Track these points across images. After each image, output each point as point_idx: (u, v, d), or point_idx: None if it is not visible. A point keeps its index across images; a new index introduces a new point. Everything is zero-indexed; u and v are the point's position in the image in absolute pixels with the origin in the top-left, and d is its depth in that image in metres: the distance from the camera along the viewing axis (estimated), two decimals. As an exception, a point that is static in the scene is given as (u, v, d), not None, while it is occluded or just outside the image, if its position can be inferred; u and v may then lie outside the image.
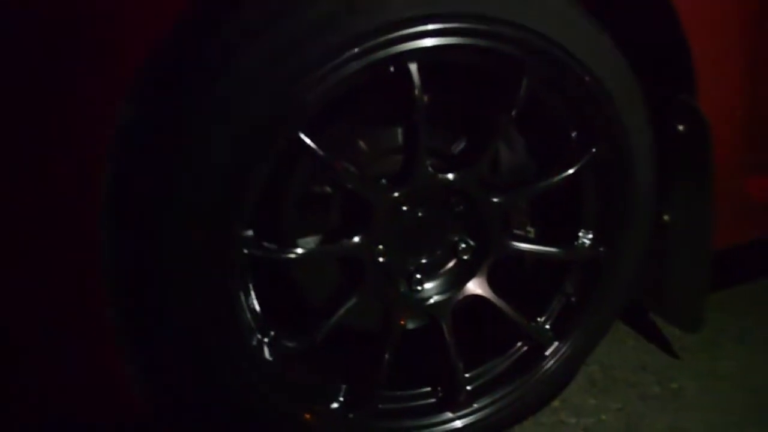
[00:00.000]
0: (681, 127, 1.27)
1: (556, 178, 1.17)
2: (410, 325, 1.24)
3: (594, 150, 1.17)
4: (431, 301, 1.20)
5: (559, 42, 1.08)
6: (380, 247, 1.13)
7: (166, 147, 0.99)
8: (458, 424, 1.23)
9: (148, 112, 0.98)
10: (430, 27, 1.00)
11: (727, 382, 1.44)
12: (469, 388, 1.25)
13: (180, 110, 0.97)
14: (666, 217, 1.36)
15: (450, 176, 1.12)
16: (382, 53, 0.99)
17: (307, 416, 1.14)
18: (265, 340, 1.11)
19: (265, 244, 1.06)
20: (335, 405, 1.18)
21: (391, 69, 1.03)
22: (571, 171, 1.17)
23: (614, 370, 1.49)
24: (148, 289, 1.02)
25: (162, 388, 1.11)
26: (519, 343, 1.29)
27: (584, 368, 1.48)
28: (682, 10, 1.16)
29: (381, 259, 1.13)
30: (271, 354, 1.11)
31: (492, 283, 1.22)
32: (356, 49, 0.98)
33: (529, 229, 1.28)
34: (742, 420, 1.34)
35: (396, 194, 1.10)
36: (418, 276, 1.19)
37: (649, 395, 1.42)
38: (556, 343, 1.27)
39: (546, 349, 1.27)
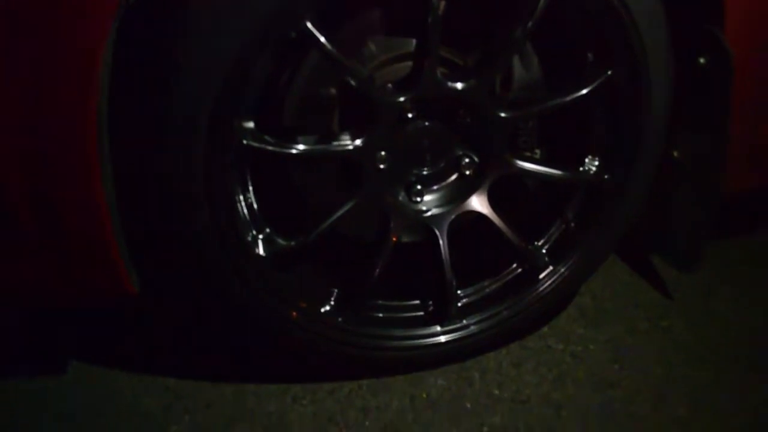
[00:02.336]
0: (702, 60, 1.23)
1: (568, 98, 1.14)
2: (404, 238, 1.23)
3: (609, 73, 1.14)
4: (429, 213, 1.19)
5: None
6: (382, 153, 1.11)
7: (169, 29, 0.96)
8: (444, 338, 1.24)
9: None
10: None
11: (716, 324, 1.44)
12: (459, 304, 1.25)
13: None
14: (676, 154, 1.34)
15: (459, 86, 1.09)
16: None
17: (294, 314, 1.15)
18: (260, 236, 1.11)
19: (266, 137, 1.05)
20: (325, 308, 1.19)
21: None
22: (583, 92, 1.14)
23: (605, 303, 1.49)
24: (148, 168, 1.01)
25: (155, 271, 1.11)
26: (514, 265, 1.29)
27: (576, 299, 1.48)
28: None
29: (381, 166, 1.12)
30: (264, 250, 1.11)
31: (492, 202, 1.20)
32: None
33: (535, 150, 1.25)
34: (729, 360, 1.35)
35: (402, 99, 1.08)
36: (419, 186, 1.18)
37: (638, 330, 1.42)
38: (550, 268, 1.27)
39: (540, 273, 1.27)
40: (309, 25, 0.98)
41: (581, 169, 1.23)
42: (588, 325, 1.43)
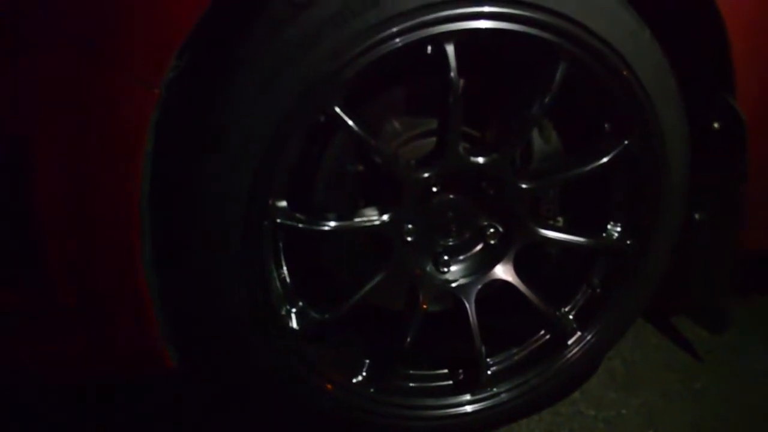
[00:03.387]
0: (717, 125, 1.26)
1: (587, 168, 1.18)
2: (433, 308, 1.26)
3: (626, 142, 1.18)
4: (457, 283, 1.22)
5: (598, 33, 1.08)
6: (409, 226, 1.15)
7: (210, 114, 1.03)
8: (475, 407, 1.25)
9: (196, 78, 1.02)
10: (468, 10, 1.02)
11: (750, 385, 1.44)
12: (489, 372, 1.26)
13: (225, 78, 1.01)
14: (697, 216, 1.36)
15: (481, 160, 1.13)
16: (419, 33, 1.01)
17: (329, 387, 1.17)
18: (293, 309, 1.14)
19: (298, 215, 1.09)
20: (357, 378, 1.21)
21: (429, 50, 1.06)
22: (602, 161, 1.18)
23: (636, 367, 1.49)
24: (187, 253, 1.06)
25: (192, 348, 1.15)
26: (542, 332, 1.30)
27: (606, 362, 1.49)
28: (725, 11, 1.15)
29: (409, 239, 1.16)
30: (298, 323, 1.14)
31: (518, 270, 1.23)
32: (395, 29, 1.00)
33: (558, 218, 1.28)
34: (762, 422, 1.33)
35: (427, 175, 1.12)
36: (446, 257, 1.21)
37: (671, 393, 1.42)
38: (578, 334, 1.28)
39: (568, 339, 1.28)
40: (338, 109, 1.03)
41: (604, 235, 1.25)
42: (619, 389, 1.43)
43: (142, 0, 0.93)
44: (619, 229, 1.25)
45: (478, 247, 1.24)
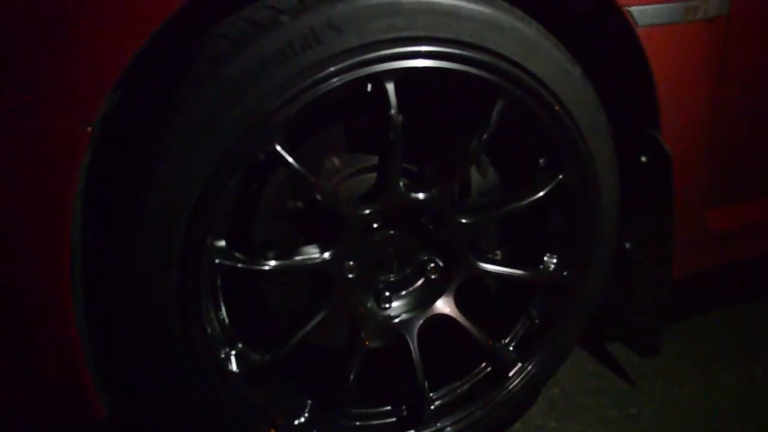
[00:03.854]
0: (644, 158, 1.31)
1: (524, 202, 1.21)
2: (375, 344, 1.25)
3: (561, 176, 1.21)
4: (399, 318, 1.21)
5: (533, 72, 1.11)
6: (350, 263, 1.14)
7: (145, 151, 1.00)
8: (421, 442, 1.24)
9: (128, 114, 0.99)
10: (409, 49, 1.03)
11: (682, 408, 1.48)
12: (432, 407, 1.26)
13: (160, 117, 0.98)
14: (628, 245, 1.40)
15: (421, 196, 1.14)
16: (359, 72, 1.01)
17: (272, 431, 1.14)
18: (233, 352, 1.11)
19: (237, 255, 1.07)
20: (300, 420, 1.18)
21: (369, 88, 1.06)
22: (538, 195, 1.20)
23: (574, 394, 1.52)
24: (117, 295, 1.02)
25: (127, 396, 1.10)
26: (483, 364, 1.31)
27: (545, 391, 1.51)
28: (651, 53, 1.21)
29: (350, 275, 1.15)
30: (238, 366, 1.11)
31: (459, 304, 1.24)
32: (333, 68, 1.00)
33: (496, 251, 1.30)
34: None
35: (367, 211, 1.12)
36: (387, 293, 1.21)
37: (608, 419, 1.45)
38: (519, 365, 1.29)
39: (509, 371, 1.29)
40: (278, 147, 1.02)
41: (541, 267, 1.28)
42: (559, 417, 1.45)
43: (77, 36, 0.89)
44: (555, 260, 1.28)
45: (419, 282, 1.24)
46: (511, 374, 1.29)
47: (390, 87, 1.05)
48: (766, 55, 1.39)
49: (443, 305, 1.23)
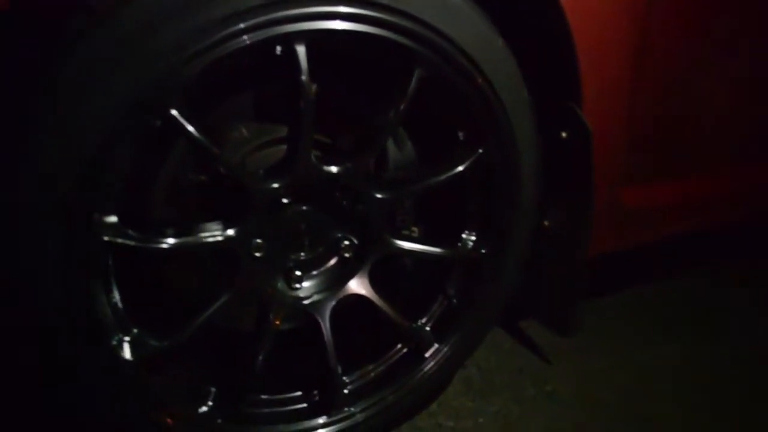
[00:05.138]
0: (564, 134, 1.28)
1: (442, 177, 1.15)
2: (285, 326, 1.18)
3: (480, 151, 1.16)
4: (310, 300, 1.14)
5: (453, 39, 1.05)
6: (258, 241, 1.06)
7: (20, 117, 0.88)
8: (332, 429, 1.18)
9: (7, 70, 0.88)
10: (322, 9, 0.95)
11: (595, 384, 1.49)
12: (346, 391, 1.20)
13: (43, 72, 0.87)
14: (546, 223, 1.38)
15: (334, 169, 1.07)
16: (269, 32, 0.93)
17: (169, 421, 1.06)
18: (127, 338, 1.01)
19: (131, 232, 0.97)
20: (203, 409, 1.10)
21: (278, 50, 0.97)
22: (457, 170, 1.15)
23: (491, 374, 1.50)
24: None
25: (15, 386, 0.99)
26: (399, 345, 1.26)
27: (462, 371, 1.48)
28: (575, 25, 1.17)
29: (258, 254, 1.07)
30: (132, 354, 1.01)
31: (374, 283, 1.18)
32: (242, 24, 0.91)
33: (413, 228, 1.25)
34: (610, 418, 1.39)
35: (276, 185, 1.04)
36: (298, 273, 1.14)
37: (525, 398, 1.43)
38: (436, 345, 1.25)
39: (426, 352, 1.25)
40: (175, 113, 0.93)
41: (459, 245, 1.23)
42: (476, 397, 1.42)
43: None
44: (474, 238, 1.24)
45: (332, 261, 1.17)
46: (427, 355, 1.25)
47: (301, 50, 0.96)
48: (687, 34, 1.39)
49: (357, 285, 1.17)
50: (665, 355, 1.60)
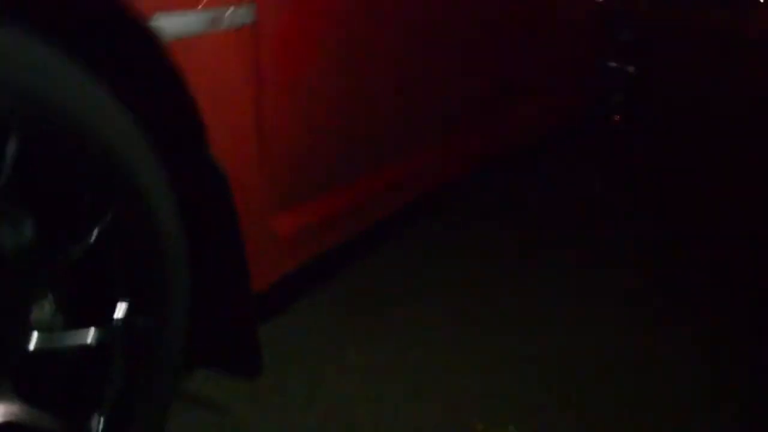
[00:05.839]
0: (206, 183, 1.23)
1: (74, 252, 1.01)
2: None
3: (110, 216, 1.04)
4: None
5: (51, 101, 0.92)
6: None
7: None
8: None
9: None
10: None
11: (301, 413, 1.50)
12: None
13: None
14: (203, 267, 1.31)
15: None
16: None
17: None
18: None
19: None
20: None
21: None
22: (90, 241, 1.02)
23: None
24: None
25: None
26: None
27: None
28: (186, 64, 1.12)
29: None
30: None
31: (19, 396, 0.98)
32: None
33: (56, 316, 1.07)
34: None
35: None
36: None
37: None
38: (115, 439, 1.10)
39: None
40: None
41: (113, 321, 1.09)
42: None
43: None
44: (126, 308, 1.11)
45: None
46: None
47: None
48: (298, 59, 1.45)
49: (-2, 410, 0.96)
50: (348, 364, 1.65)
